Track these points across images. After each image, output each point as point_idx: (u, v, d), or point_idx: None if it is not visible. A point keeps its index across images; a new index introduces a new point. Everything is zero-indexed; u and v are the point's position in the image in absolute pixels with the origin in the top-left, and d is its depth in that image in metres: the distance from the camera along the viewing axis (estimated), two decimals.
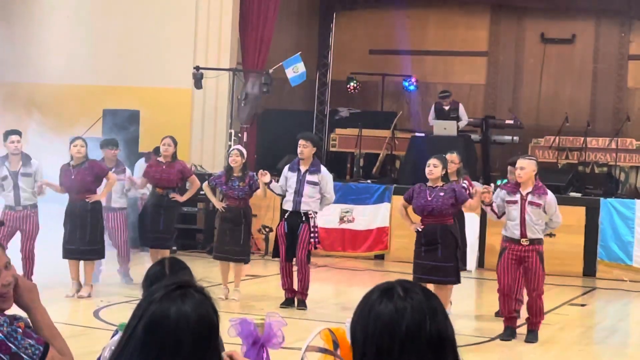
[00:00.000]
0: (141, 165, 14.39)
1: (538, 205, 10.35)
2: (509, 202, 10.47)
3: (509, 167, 11.97)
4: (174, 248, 16.33)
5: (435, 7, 21.92)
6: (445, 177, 10.91)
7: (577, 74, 21.35)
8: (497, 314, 11.46)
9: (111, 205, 13.06)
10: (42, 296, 3.62)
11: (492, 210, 10.69)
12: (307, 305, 11.71)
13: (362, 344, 2.39)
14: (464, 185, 11.46)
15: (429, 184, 10.85)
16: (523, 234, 10.37)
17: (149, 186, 13.41)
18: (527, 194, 10.39)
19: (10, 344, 3.22)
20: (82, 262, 12.01)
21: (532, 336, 10.53)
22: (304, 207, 11.57)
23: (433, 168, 10.83)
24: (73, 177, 11.87)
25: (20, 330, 3.27)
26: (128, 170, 13.49)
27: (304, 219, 11.57)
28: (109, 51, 18.47)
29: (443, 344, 2.37)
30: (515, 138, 18.74)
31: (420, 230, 10.71)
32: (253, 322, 3.57)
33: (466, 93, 20.91)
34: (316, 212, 11.71)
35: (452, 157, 11.88)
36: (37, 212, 12.08)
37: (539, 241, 10.40)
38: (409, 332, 2.34)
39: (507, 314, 10.58)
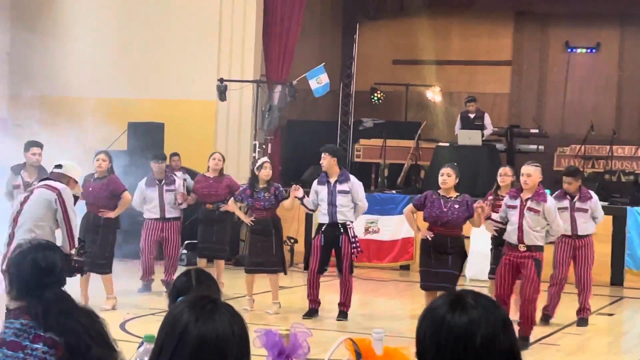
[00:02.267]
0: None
1: (536, 211, 10.30)
2: (509, 206, 10.50)
3: (564, 177, 12.02)
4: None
5: (459, 16, 21.89)
6: (457, 187, 10.90)
7: (602, 82, 21.25)
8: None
9: (165, 216, 13.42)
10: None
11: (492, 219, 10.71)
12: (347, 317, 11.75)
13: (434, 356, 2.36)
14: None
15: (442, 193, 10.80)
16: (520, 240, 10.34)
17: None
18: (527, 199, 10.36)
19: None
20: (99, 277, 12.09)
21: (522, 343, 10.41)
22: (340, 217, 11.59)
23: (447, 177, 10.79)
24: (91, 189, 11.92)
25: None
26: (178, 181, 13.70)
27: (342, 230, 11.59)
28: (133, 64, 18.55)
29: (514, 354, 2.37)
30: (540, 147, 18.65)
31: (429, 238, 10.68)
32: (278, 333, 3.56)
33: (490, 102, 20.85)
34: (352, 222, 11.72)
35: (505, 170, 12.01)
36: None
37: (537, 248, 10.34)
38: (483, 344, 2.32)
39: None
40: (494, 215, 10.76)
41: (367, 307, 13.71)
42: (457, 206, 10.62)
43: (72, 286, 11.32)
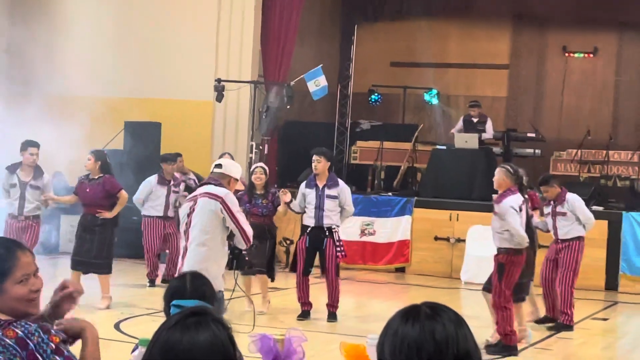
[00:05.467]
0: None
1: (496, 213, 10.24)
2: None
3: (541, 187, 12.04)
4: None
5: (457, 19, 21.90)
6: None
7: (599, 87, 21.26)
8: (537, 321, 11.81)
9: (167, 215, 13.97)
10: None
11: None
12: (337, 317, 11.77)
13: None
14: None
15: None
16: (495, 243, 10.31)
17: None
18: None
19: (38, 356, 3.16)
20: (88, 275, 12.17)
21: (494, 349, 10.27)
22: (326, 222, 11.61)
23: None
24: (88, 190, 11.98)
25: (53, 345, 3.20)
26: (182, 185, 14.25)
27: (327, 233, 11.62)
28: (130, 63, 18.54)
29: (470, 358, 2.44)
30: (537, 151, 18.66)
31: None
32: (273, 338, 3.56)
33: (488, 106, 20.84)
34: (338, 226, 11.76)
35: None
36: (39, 224, 12.27)
37: (504, 251, 10.14)
38: (436, 351, 2.41)
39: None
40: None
41: (362, 310, 13.73)
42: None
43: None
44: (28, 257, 3.32)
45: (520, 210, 10.14)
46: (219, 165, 8.14)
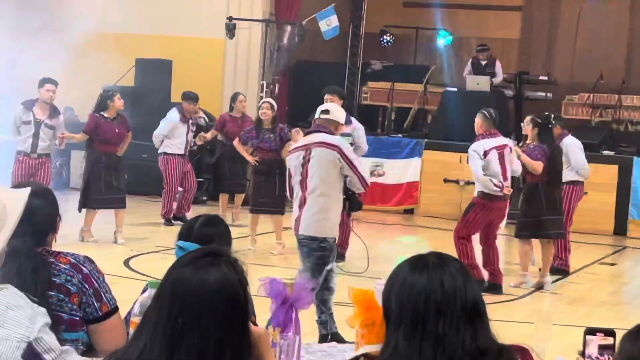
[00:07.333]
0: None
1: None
2: None
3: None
4: (204, 198, 16.43)
5: None
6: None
7: (613, 30, 21.06)
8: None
9: (187, 153, 14.08)
10: (62, 246, 3.71)
11: None
12: (345, 258, 11.81)
13: (398, 312, 2.50)
14: None
15: None
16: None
17: None
18: None
19: (93, 280, 3.60)
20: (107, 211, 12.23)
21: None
22: None
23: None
24: (117, 130, 12.02)
25: (102, 275, 3.69)
26: (199, 122, 14.44)
27: None
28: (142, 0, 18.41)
29: (477, 308, 2.50)
30: (548, 94, 18.55)
31: None
32: (282, 282, 3.58)
33: (500, 48, 20.69)
34: None
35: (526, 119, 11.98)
36: (51, 161, 12.31)
37: (479, 193, 10.49)
38: (444, 299, 2.47)
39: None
40: None
41: (370, 251, 13.70)
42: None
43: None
44: None
45: (485, 155, 10.30)
46: (326, 111, 7.97)
